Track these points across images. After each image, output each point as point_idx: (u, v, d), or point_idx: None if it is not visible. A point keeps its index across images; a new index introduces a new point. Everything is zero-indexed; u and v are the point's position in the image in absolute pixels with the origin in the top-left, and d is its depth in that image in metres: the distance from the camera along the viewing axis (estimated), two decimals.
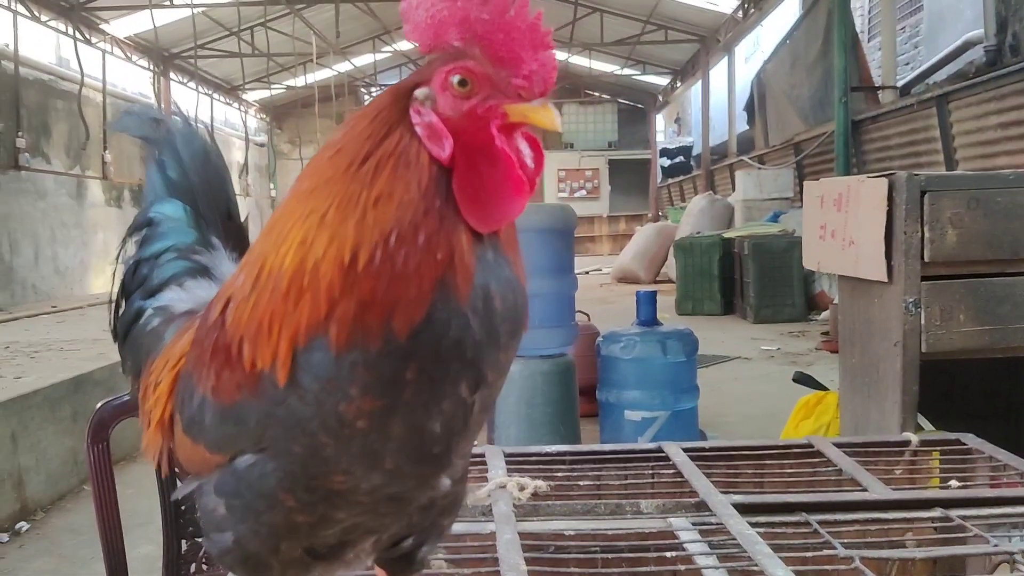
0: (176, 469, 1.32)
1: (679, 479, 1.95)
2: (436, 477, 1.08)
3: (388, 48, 22.78)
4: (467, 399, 1.00)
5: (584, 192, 29.15)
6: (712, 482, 1.91)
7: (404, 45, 23.11)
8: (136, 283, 1.48)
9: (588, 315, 6.39)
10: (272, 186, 25.77)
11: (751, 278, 11.26)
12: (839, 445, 2.07)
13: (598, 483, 2.03)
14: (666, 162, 27.10)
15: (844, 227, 3.31)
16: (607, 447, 2.16)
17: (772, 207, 13.71)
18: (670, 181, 25.82)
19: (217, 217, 1.49)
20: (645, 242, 17.45)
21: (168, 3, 15.48)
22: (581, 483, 1.99)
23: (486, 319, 0.96)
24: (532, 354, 4.77)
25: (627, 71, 25.01)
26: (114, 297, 1.50)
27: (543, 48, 0.96)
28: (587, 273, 19.98)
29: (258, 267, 1.01)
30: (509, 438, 4.74)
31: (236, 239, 1.52)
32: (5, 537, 4.43)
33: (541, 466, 2.04)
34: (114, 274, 1.51)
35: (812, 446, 2.09)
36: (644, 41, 20.79)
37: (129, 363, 1.47)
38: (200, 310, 1.34)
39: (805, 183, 3.81)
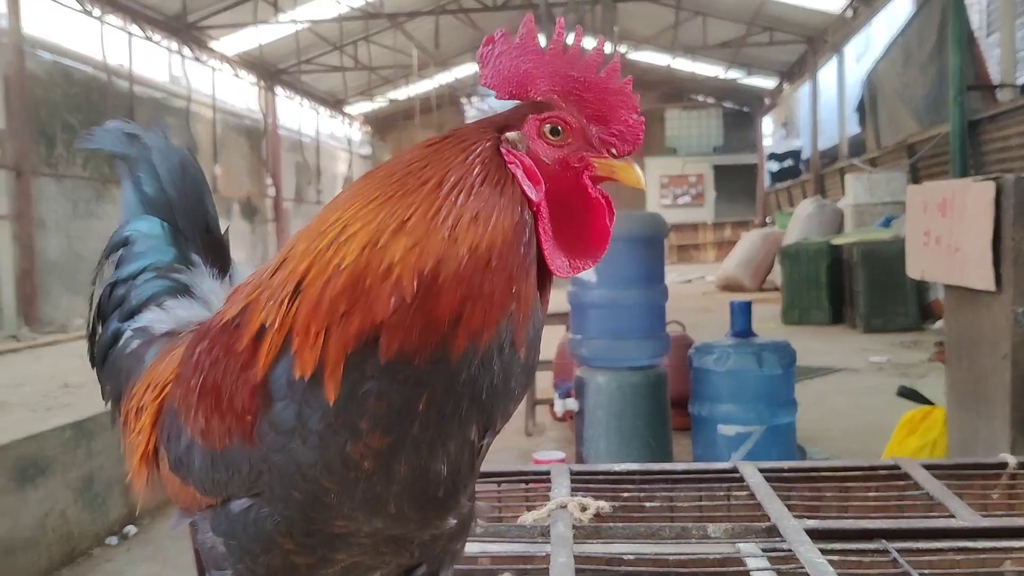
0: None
1: (752, 501, 1.83)
2: (441, 519, 1.04)
3: None
4: (475, 442, 0.97)
5: (688, 198, 28.74)
6: (789, 505, 1.79)
7: None
8: (113, 305, 1.44)
9: (683, 325, 6.23)
10: None
11: (861, 286, 10.84)
12: (929, 467, 1.92)
13: (667, 504, 1.93)
14: (774, 166, 26.50)
15: (949, 233, 3.12)
16: (680, 466, 2.05)
17: (884, 211, 13.17)
18: (778, 186, 25.21)
19: (196, 232, 1.46)
20: (750, 249, 17.04)
21: (274, 19, 15.87)
22: (648, 504, 1.89)
23: (508, 366, 0.95)
24: (621, 366, 4.66)
25: (731, 74, 24.55)
26: (90, 321, 1.46)
27: (633, 111, 1.01)
28: (690, 281, 19.66)
29: (304, 265, 0.96)
30: (598, 452, 4.64)
31: (216, 254, 1.47)
32: (114, 540, 4.55)
33: (609, 485, 1.95)
34: (91, 297, 1.47)
35: (899, 468, 1.94)
36: (749, 43, 20.37)
37: (108, 388, 1.42)
38: (182, 330, 1.33)
39: (908, 187, 3.63)
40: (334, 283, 0.92)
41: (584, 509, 1.76)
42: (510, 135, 1.00)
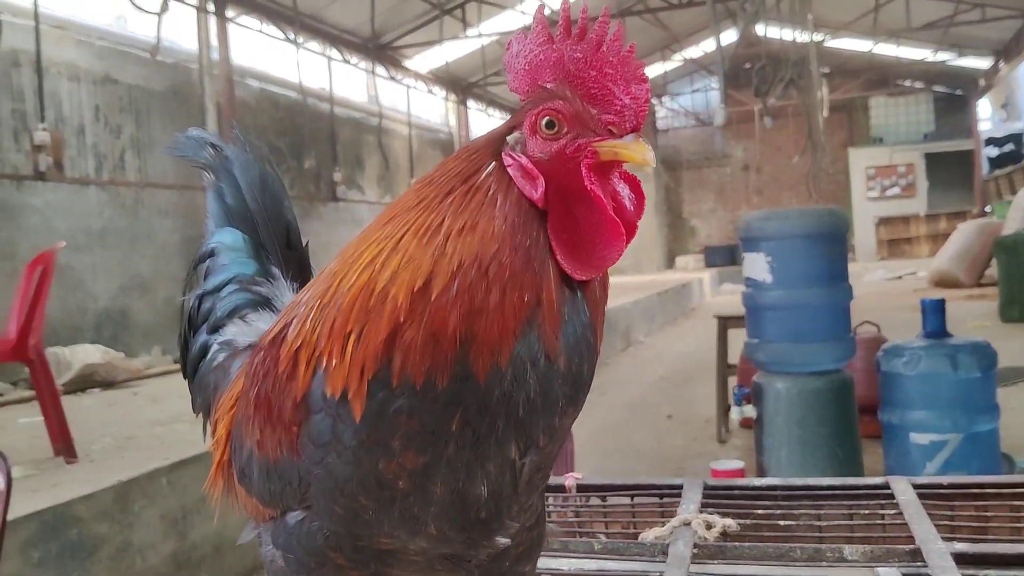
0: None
1: (900, 521, 1.68)
2: (487, 540, 1.00)
3: (678, 56, 22.57)
4: (516, 461, 0.93)
5: (897, 189, 27.14)
6: (947, 526, 1.63)
7: (693, 53, 22.81)
8: (201, 317, 1.46)
9: (878, 326, 5.86)
10: None
11: None
12: None
13: (808, 523, 1.80)
14: (993, 152, 24.55)
15: None
16: (824, 481, 1.91)
17: None
18: (997, 173, 23.35)
19: (276, 245, 1.47)
20: (965, 241, 15.89)
21: (462, 35, 16.28)
22: (783, 522, 1.77)
23: (545, 378, 0.90)
24: (802, 371, 4.43)
25: (940, 56, 23.01)
26: (182, 332, 1.49)
27: (635, 81, 0.93)
28: (900, 278, 18.57)
29: (327, 286, 0.98)
30: (779, 462, 4.43)
31: (296, 267, 1.48)
32: None
33: (743, 501, 1.85)
34: (181, 308, 1.50)
35: None
36: (957, 22, 19.02)
37: (199, 400, 1.44)
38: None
39: None
40: (343, 304, 0.93)
41: (709, 527, 1.67)
42: (511, 137, 0.96)
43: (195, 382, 1.46)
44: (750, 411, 4.73)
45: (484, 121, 21.07)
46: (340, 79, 14.95)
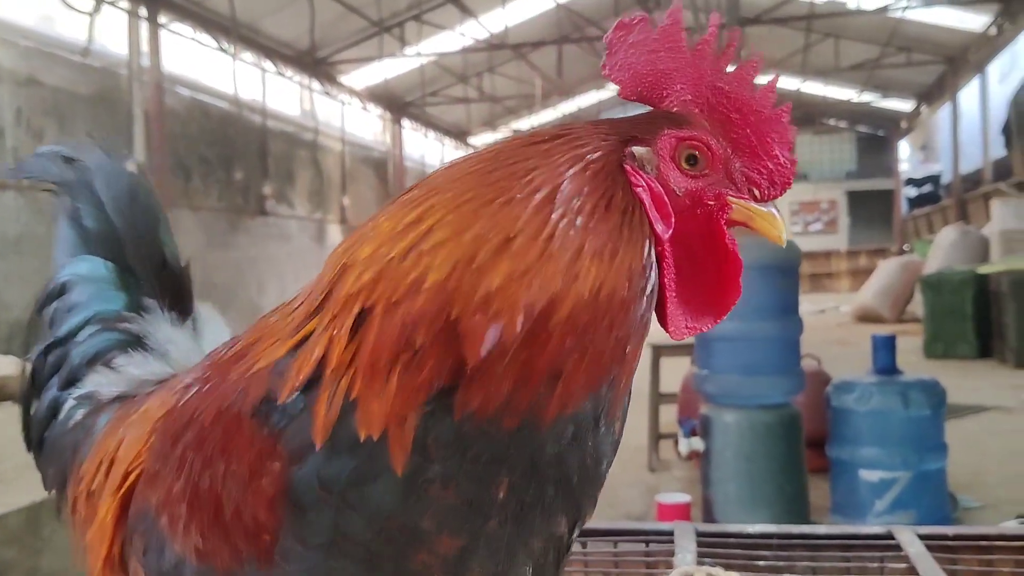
0: None
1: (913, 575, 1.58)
2: None
3: (612, 87, 22.77)
4: (563, 537, 0.79)
5: (820, 225, 27.83)
6: None
7: None
8: (48, 372, 1.20)
9: (819, 359, 5.87)
10: None
11: (1011, 318, 10.12)
12: None
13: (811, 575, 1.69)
14: (912, 192, 25.34)
15: None
16: (822, 529, 1.81)
17: None
18: (916, 212, 24.10)
19: (149, 269, 1.24)
20: (888, 278, 16.28)
21: (400, 53, 16.15)
22: None
23: (601, 442, 0.77)
24: (752, 403, 4.37)
25: (865, 97, 23.69)
26: (22, 394, 1.23)
27: (786, 146, 0.81)
28: (823, 312, 18.91)
29: (371, 275, 0.75)
30: (727, 496, 4.36)
31: (175, 294, 1.25)
32: None
33: (741, 550, 1.72)
34: (23, 366, 1.24)
35: None
36: (883, 65, 19.59)
37: (52, 472, 1.19)
38: (136, 392, 1.10)
39: None
40: (410, 305, 0.72)
41: None
42: (637, 150, 0.80)
43: (44, 451, 1.20)
44: (698, 443, 4.66)
45: (419, 141, 20.95)
46: (274, 92, 14.67)
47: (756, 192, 0.81)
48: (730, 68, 0.82)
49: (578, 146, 0.79)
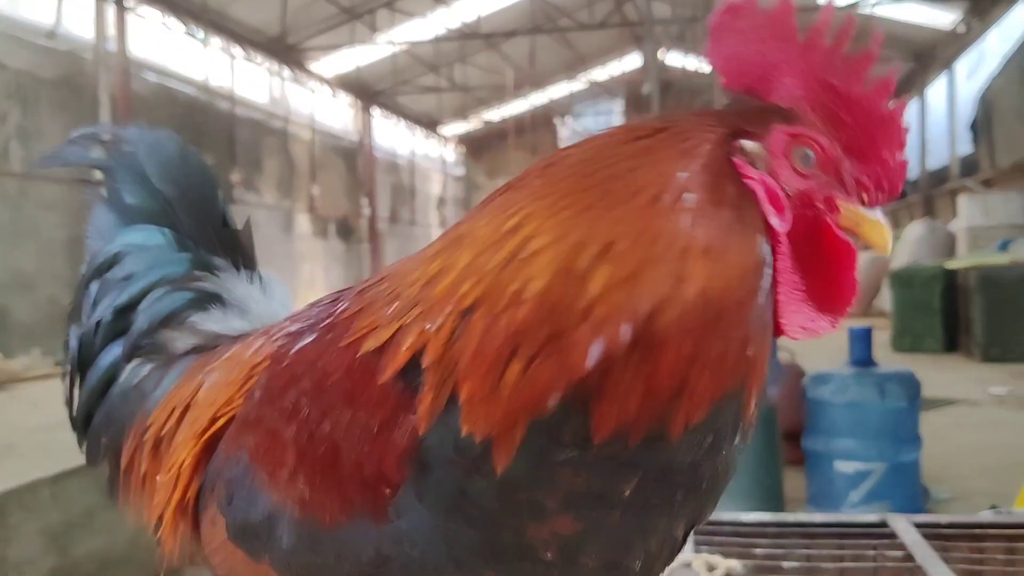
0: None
1: (910, 564, 1.56)
2: None
3: (583, 78, 22.78)
4: (678, 539, 0.77)
5: None
6: (953, 569, 1.51)
7: (600, 75, 23.06)
8: (103, 340, 1.17)
9: (792, 352, 5.89)
10: None
11: (977, 313, 10.24)
12: None
13: (803, 564, 1.67)
14: None
15: None
16: (818, 518, 1.79)
17: (1000, 235, 12.51)
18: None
19: (211, 230, 1.21)
20: None
21: (371, 41, 16.04)
22: (785, 563, 1.63)
23: (735, 450, 0.75)
24: None
25: None
26: (69, 372, 1.20)
27: (899, 147, 0.77)
28: None
29: (469, 285, 0.72)
30: None
31: (237, 251, 1.23)
32: None
33: (737, 538, 1.70)
34: (66, 342, 1.21)
35: None
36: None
37: (107, 437, 1.15)
38: (213, 344, 1.10)
39: None
40: (513, 316, 0.69)
41: (712, 568, 1.52)
42: (747, 144, 0.76)
43: (97, 422, 1.17)
44: None
45: (390, 130, 20.82)
46: (243, 78, 14.51)
47: (865, 196, 0.77)
48: (843, 61, 0.77)
49: (682, 140, 0.74)
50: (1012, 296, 10.03)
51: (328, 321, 0.86)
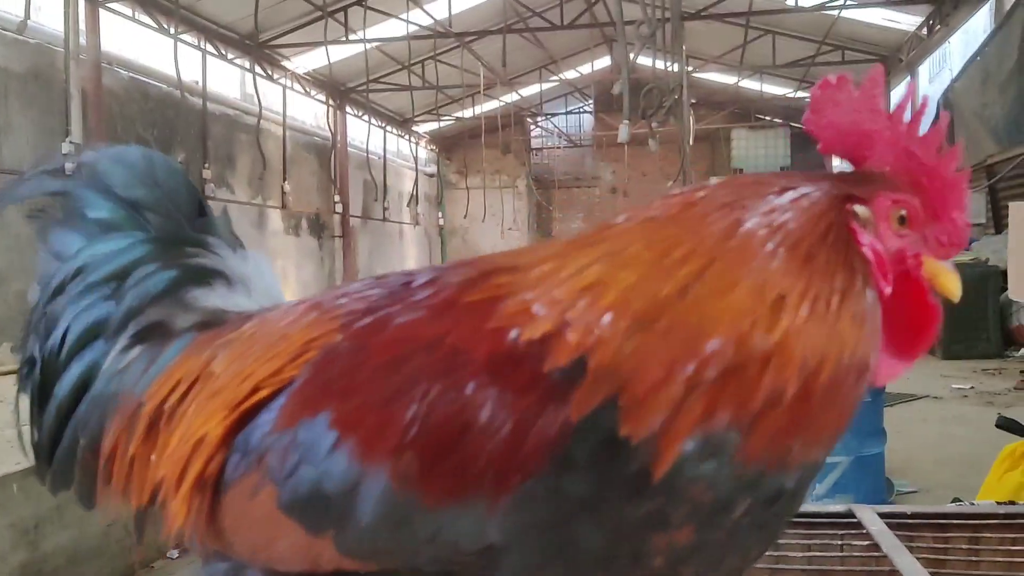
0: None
1: (876, 553, 1.67)
2: None
3: (554, 78, 22.84)
4: (745, 563, 0.85)
5: None
6: (918, 559, 1.61)
7: (571, 75, 23.14)
8: (77, 343, 1.14)
9: None
10: (440, 215, 26.28)
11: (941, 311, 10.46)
12: None
13: (771, 553, 1.77)
14: None
15: None
16: None
17: None
18: None
19: (188, 222, 1.22)
20: None
21: (344, 39, 16.00)
22: None
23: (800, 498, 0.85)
24: None
25: (801, 93, 24.14)
26: (30, 386, 1.16)
27: (964, 207, 0.89)
28: None
29: (643, 303, 0.79)
30: None
31: (216, 236, 1.25)
32: (175, 554, 4.50)
33: None
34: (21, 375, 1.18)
35: None
36: (819, 62, 19.99)
37: (84, 441, 1.11)
38: (218, 320, 1.09)
39: (1011, 204, 3.42)
40: (697, 344, 0.76)
41: None
42: (860, 210, 0.87)
43: (73, 423, 1.13)
44: None
45: (362, 128, 20.77)
46: (215, 74, 14.43)
47: (941, 251, 0.89)
48: (919, 130, 0.89)
49: (812, 204, 0.84)
50: (974, 294, 10.24)
51: (435, 301, 0.87)
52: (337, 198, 19.24)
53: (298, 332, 0.95)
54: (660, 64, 15.14)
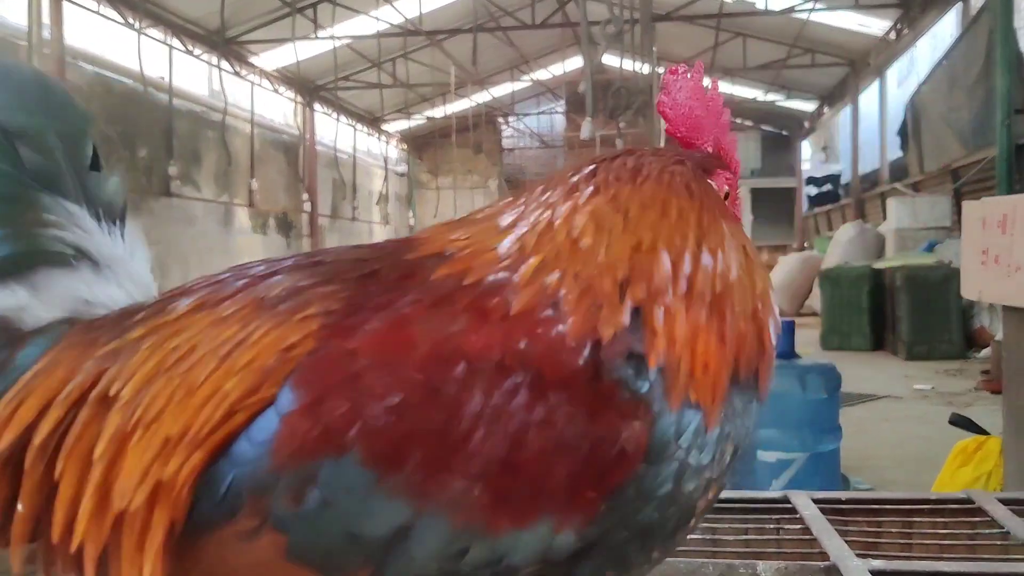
0: None
1: (807, 536, 1.65)
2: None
3: (526, 78, 22.87)
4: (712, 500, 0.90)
5: None
6: (848, 542, 1.60)
7: (542, 75, 23.17)
8: None
9: None
10: (411, 214, 26.23)
11: (903, 312, 10.56)
12: (1006, 502, 1.73)
13: (709, 537, 1.75)
14: (813, 191, 26.14)
15: (1010, 252, 2.94)
16: (722, 495, 1.88)
17: (927, 236, 12.91)
18: (816, 210, 24.87)
19: (71, 171, 0.93)
20: (788, 273, 16.77)
21: (313, 36, 15.93)
22: (688, 536, 1.72)
23: None
24: None
25: (771, 96, 24.32)
26: None
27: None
28: None
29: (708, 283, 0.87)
30: None
31: (99, 200, 0.95)
32: None
33: None
34: None
35: (972, 501, 1.75)
36: (790, 65, 20.15)
37: None
38: (84, 315, 0.87)
39: (965, 203, 3.44)
40: (726, 316, 0.85)
41: None
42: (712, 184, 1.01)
43: None
44: None
45: (331, 126, 20.68)
46: (181, 70, 14.32)
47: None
48: (721, 114, 1.04)
49: (701, 181, 0.96)
50: (937, 296, 10.35)
51: (455, 305, 0.79)
52: (305, 196, 19.16)
53: (262, 337, 0.78)
54: (630, 65, 15.18)
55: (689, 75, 1.02)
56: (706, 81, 1.04)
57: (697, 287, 0.82)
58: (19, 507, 0.78)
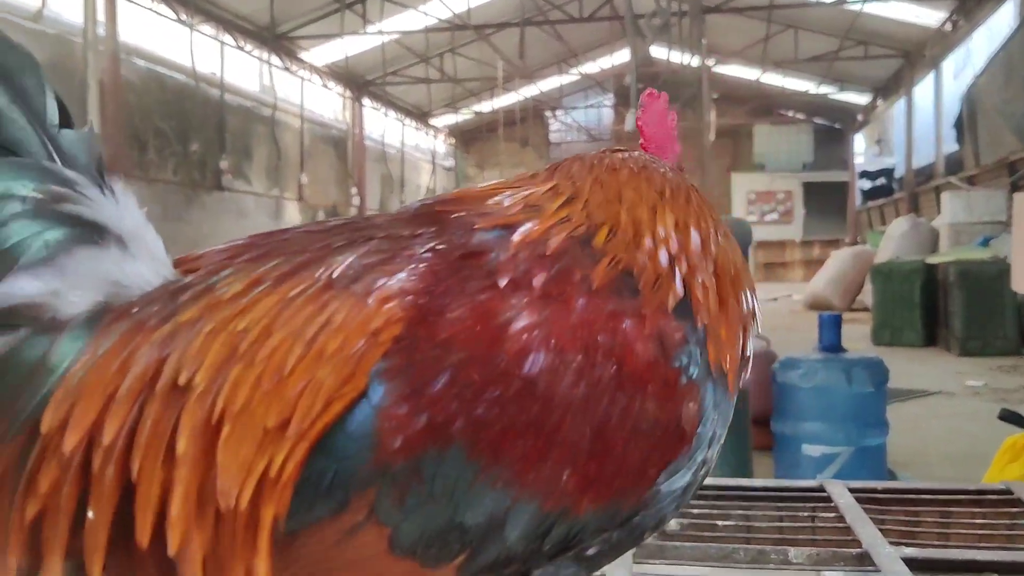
0: None
1: (841, 524, 1.64)
2: None
3: (574, 71, 22.81)
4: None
5: (775, 215, 28.10)
6: (883, 531, 1.58)
7: (590, 69, 23.09)
8: None
9: (767, 340, 5.97)
10: None
11: (957, 307, 10.35)
12: None
13: (743, 524, 1.74)
14: (866, 184, 25.73)
15: None
16: (758, 482, 1.86)
17: (982, 231, 12.63)
18: (869, 204, 24.47)
19: (41, 131, 0.78)
20: (840, 267, 16.53)
21: (361, 31, 16.05)
22: (721, 523, 1.70)
23: None
24: None
25: (823, 89, 23.97)
26: None
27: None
28: (775, 300, 19.16)
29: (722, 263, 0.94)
30: None
31: (77, 162, 0.80)
32: None
33: None
34: None
35: (1011, 492, 1.72)
36: (842, 57, 19.85)
37: None
38: (120, 300, 0.76)
39: (1016, 195, 3.37)
40: (736, 288, 0.94)
41: None
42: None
43: None
44: None
45: (379, 120, 20.82)
46: (232, 66, 14.53)
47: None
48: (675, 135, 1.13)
49: (661, 169, 1.02)
50: (991, 291, 10.12)
51: (554, 288, 0.81)
52: (354, 191, 19.32)
53: (345, 321, 0.75)
54: (679, 58, 15.07)
55: (659, 100, 1.11)
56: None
57: (720, 268, 0.92)
58: (89, 514, 0.71)
